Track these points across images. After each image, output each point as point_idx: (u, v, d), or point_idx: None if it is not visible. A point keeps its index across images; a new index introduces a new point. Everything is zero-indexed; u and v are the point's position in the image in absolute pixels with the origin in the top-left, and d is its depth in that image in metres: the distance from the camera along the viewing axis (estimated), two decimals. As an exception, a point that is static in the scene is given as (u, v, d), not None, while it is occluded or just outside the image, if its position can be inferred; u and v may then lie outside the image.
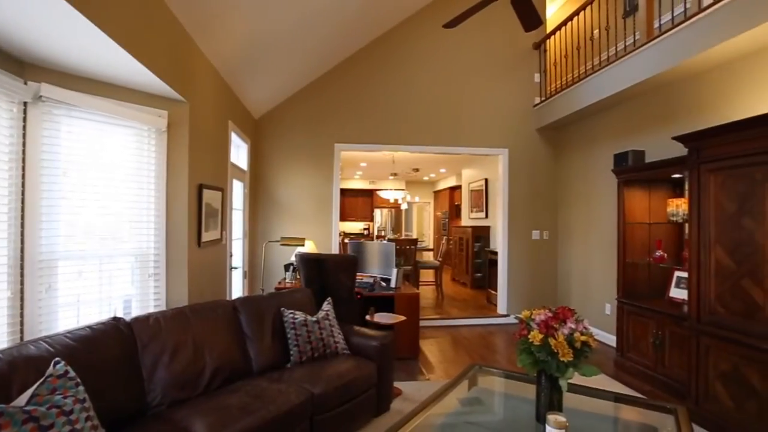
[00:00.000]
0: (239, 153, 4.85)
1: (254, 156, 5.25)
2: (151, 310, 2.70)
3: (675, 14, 3.58)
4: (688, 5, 3.34)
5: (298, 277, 4.49)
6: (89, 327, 1.93)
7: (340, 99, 5.40)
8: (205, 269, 3.33)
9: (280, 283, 4.56)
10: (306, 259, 3.67)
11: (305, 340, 2.74)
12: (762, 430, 2.39)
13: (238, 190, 4.66)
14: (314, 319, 2.85)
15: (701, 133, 2.78)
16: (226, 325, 2.55)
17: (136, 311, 2.68)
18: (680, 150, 3.01)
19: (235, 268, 4.40)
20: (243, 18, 3.20)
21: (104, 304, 2.52)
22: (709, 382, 2.72)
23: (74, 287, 2.36)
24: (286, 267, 4.71)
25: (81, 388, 1.53)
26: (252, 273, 5.14)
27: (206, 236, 3.26)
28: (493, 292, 6.25)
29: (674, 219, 3.61)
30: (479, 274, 7.91)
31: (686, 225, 3.29)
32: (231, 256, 4.18)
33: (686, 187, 2.99)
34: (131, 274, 2.68)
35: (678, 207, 3.57)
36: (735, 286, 2.58)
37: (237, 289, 4.65)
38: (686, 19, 3.18)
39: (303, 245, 4.13)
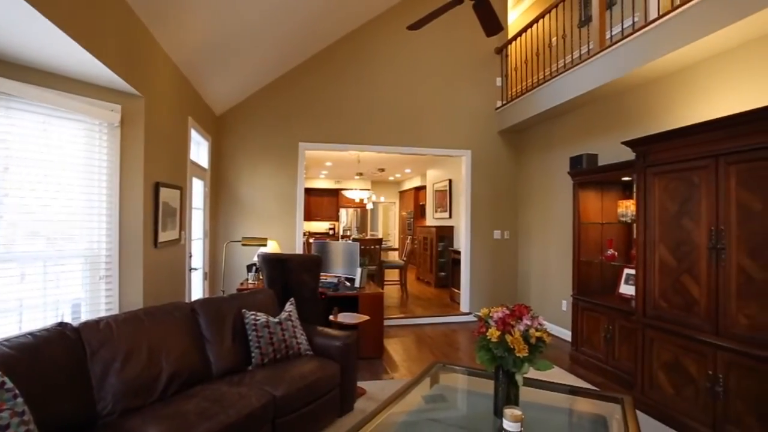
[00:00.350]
0: (199, 150, 4.70)
1: (215, 153, 5.10)
2: (103, 314, 2.57)
3: (624, 26, 3.79)
4: (636, 19, 3.54)
5: (260, 277, 4.41)
6: (31, 334, 1.82)
7: (305, 97, 5.35)
8: (163, 271, 3.21)
9: (242, 284, 4.46)
10: (268, 260, 3.61)
11: (267, 342, 2.70)
12: (697, 413, 2.58)
13: (198, 189, 4.52)
14: (276, 320, 2.81)
15: (647, 138, 2.96)
16: (184, 328, 2.47)
17: (85, 316, 2.54)
18: (630, 154, 3.19)
19: (195, 269, 4.26)
20: (203, 11, 3.10)
21: (50, 309, 2.37)
22: (653, 372, 2.91)
23: (16, 291, 2.21)
24: (249, 267, 4.62)
25: (19, 400, 1.44)
26: (213, 274, 5.00)
27: (163, 236, 3.14)
28: (456, 290, 6.38)
29: (624, 219, 3.82)
30: (443, 273, 8.05)
31: (634, 225, 3.49)
32: (190, 256, 4.05)
33: (634, 189, 3.17)
34: (81, 276, 2.54)
35: (627, 208, 3.78)
36: (676, 282, 2.77)
37: (197, 290, 4.50)
38: (634, 31, 3.37)
39: (265, 245, 4.06)
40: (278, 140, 5.29)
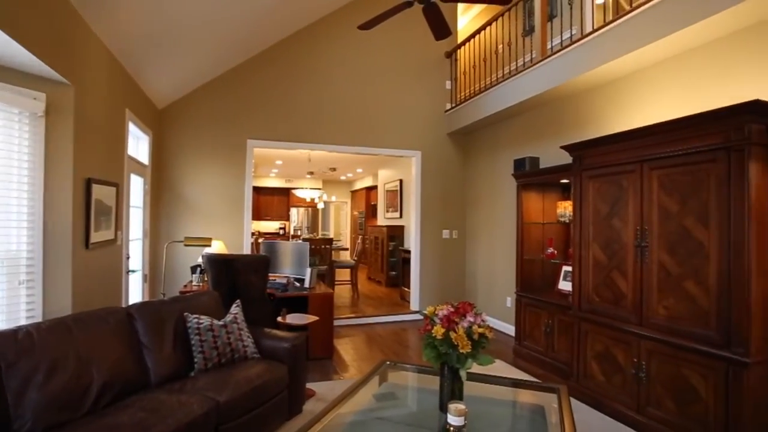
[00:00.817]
0: (139, 145, 4.42)
1: (157, 149, 4.82)
2: (23, 322, 2.35)
3: (564, 38, 4.02)
4: (574, 31, 3.77)
5: (206, 279, 4.24)
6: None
7: (254, 93, 5.19)
8: (95, 273, 2.99)
9: (186, 286, 4.26)
10: (214, 260, 3.47)
11: (211, 346, 2.60)
12: (624, 397, 2.81)
13: (137, 186, 4.25)
14: (221, 323, 2.71)
15: (582, 144, 3.17)
16: (118, 334, 2.32)
17: (1, 325, 2.31)
18: (568, 158, 3.39)
19: (133, 271, 4.00)
20: (141, -2, 2.93)
21: (-41, 317, 2.14)
22: (587, 362, 3.12)
23: None
24: (193, 269, 4.42)
25: None
26: (154, 276, 4.73)
27: (96, 236, 2.93)
28: (406, 289, 6.47)
29: (563, 219, 4.06)
30: (394, 273, 8.14)
31: (572, 225, 3.72)
32: (128, 258, 3.80)
33: (572, 191, 3.38)
34: (-3, 281, 2.30)
35: (565, 209, 4.02)
36: (607, 278, 2.99)
37: (135, 294, 4.24)
38: (572, 43, 3.59)
39: (209, 245, 3.91)
40: (225, 136, 5.10)
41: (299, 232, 12.21)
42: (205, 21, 3.73)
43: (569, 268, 3.88)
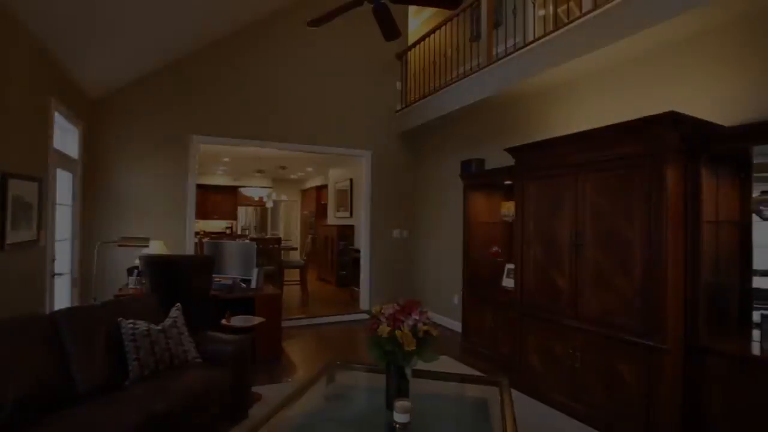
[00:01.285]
0: (66, 138, 4.08)
1: (89, 142, 4.47)
2: (-76, 333, 2.09)
3: (508, 45, 4.19)
4: (517, 40, 3.95)
5: (144, 282, 3.99)
6: None
7: (200, 87, 4.96)
8: (13, 278, 2.72)
9: (121, 290, 3.99)
10: (152, 262, 3.28)
11: (148, 352, 2.45)
12: (561, 387, 2.98)
13: (64, 182, 3.93)
14: (159, 327, 2.56)
15: (522, 147, 3.33)
16: (39, 344, 2.12)
17: None
18: (512, 160, 3.54)
19: (60, 274, 3.69)
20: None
21: None
22: (528, 355, 3.27)
23: None
24: (130, 271, 4.15)
25: None
26: (85, 280, 4.38)
27: (14, 237, 2.66)
28: (356, 289, 6.47)
29: (506, 219, 4.23)
30: (344, 272, 8.11)
31: (514, 224, 3.88)
32: (53, 260, 3.50)
33: (515, 192, 3.53)
34: None
35: (509, 209, 4.19)
36: (546, 275, 3.15)
37: (63, 300, 3.91)
38: (515, 50, 3.76)
39: (147, 246, 3.69)
40: (167, 131, 4.83)
41: (247, 232, 11.84)
42: (147, 6, 3.50)
43: (512, 266, 4.05)
